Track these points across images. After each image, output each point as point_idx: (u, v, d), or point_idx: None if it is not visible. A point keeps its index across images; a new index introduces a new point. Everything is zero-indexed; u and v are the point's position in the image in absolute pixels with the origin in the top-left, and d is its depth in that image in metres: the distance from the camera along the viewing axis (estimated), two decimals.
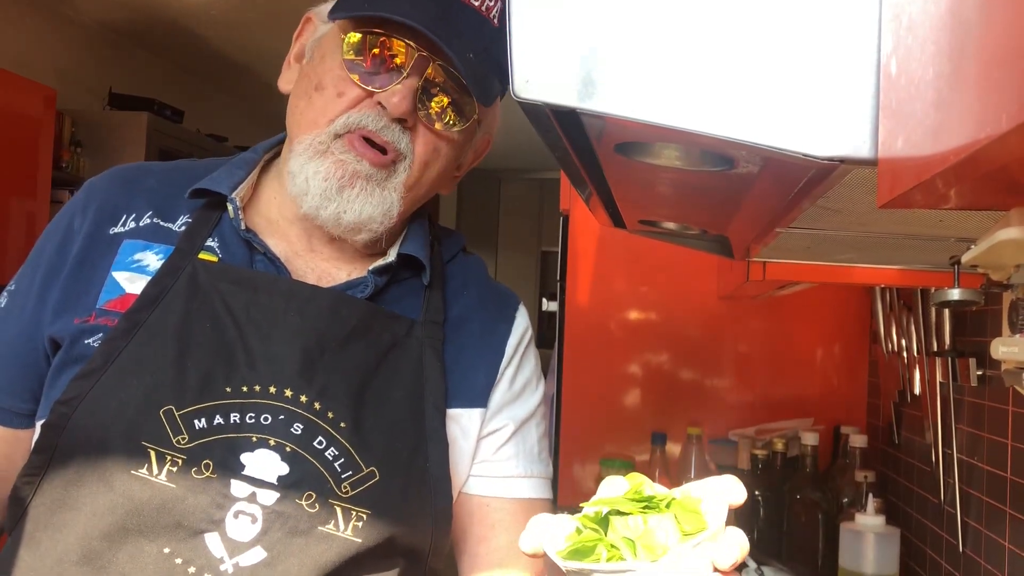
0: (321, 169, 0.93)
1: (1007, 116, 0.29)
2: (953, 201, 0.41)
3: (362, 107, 0.93)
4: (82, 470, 0.86)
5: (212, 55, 5.23)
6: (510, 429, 1.03)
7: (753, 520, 1.88)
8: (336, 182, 0.92)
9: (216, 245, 0.97)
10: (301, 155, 0.94)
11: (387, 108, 0.92)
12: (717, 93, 0.48)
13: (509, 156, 7.42)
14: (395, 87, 0.92)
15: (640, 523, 0.63)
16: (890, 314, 1.83)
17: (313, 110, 0.94)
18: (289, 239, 1.00)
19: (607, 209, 0.92)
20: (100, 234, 0.98)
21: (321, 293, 0.94)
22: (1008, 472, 1.29)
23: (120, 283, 0.94)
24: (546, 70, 0.49)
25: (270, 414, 0.88)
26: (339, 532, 0.87)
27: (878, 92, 0.46)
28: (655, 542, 0.62)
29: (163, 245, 0.97)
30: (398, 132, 0.93)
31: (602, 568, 0.61)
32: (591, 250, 2.23)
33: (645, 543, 0.62)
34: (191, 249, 0.95)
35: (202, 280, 0.93)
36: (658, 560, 0.61)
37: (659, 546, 0.61)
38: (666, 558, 0.61)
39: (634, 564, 0.61)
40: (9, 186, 3.74)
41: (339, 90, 0.93)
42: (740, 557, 0.63)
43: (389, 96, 0.91)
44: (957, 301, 0.65)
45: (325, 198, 0.93)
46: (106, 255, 0.96)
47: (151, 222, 0.99)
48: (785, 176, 0.56)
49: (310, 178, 0.93)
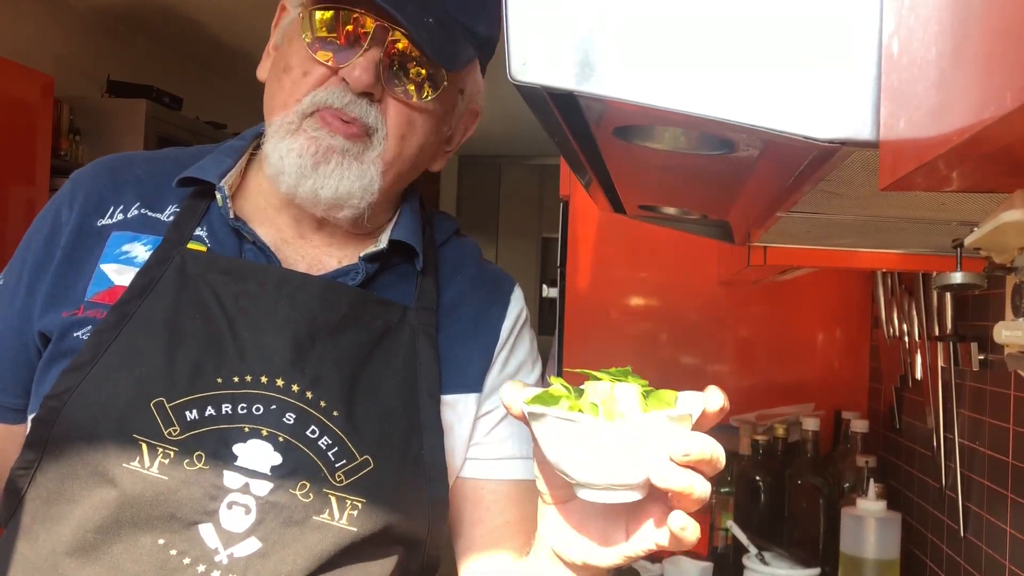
0: (295, 146, 0.91)
1: (1011, 95, 0.28)
2: (955, 183, 0.41)
3: (328, 84, 0.92)
4: (75, 463, 0.85)
5: (211, 42, 5.22)
6: (503, 410, 1.02)
7: (754, 505, 1.89)
8: (311, 158, 0.91)
9: (205, 234, 0.96)
10: (273, 136, 0.93)
11: (350, 83, 0.90)
12: (716, 75, 0.47)
13: (509, 142, 7.42)
14: (356, 60, 0.90)
15: (607, 389, 0.67)
16: (891, 298, 1.82)
17: (283, 92, 0.93)
18: (278, 226, 0.99)
19: (607, 194, 0.92)
20: (87, 226, 0.97)
21: (311, 281, 0.94)
22: (1009, 456, 1.29)
23: (108, 275, 0.94)
24: (543, 53, 0.49)
25: (262, 404, 0.87)
26: (334, 521, 0.87)
27: (880, 73, 0.45)
28: (615, 408, 0.66)
29: (151, 236, 0.96)
30: (365, 106, 0.92)
31: (555, 412, 0.66)
32: (591, 236, 2.22)
33: (607, 407, 0.66)
34: (179, 239, 0.94)
35: (191, 270, 0.92)
36: (613, 423, 0.65)
37: (618, 412, 0.66)
38: (620, 421, 0.65)
39: (586, 418, 0.65)
40: (8, 174, 3.74)
41: (304, 70, 0.92)
42: (697, 452, 0.65)
43: (351, 70, 0.90)
44: (959, 284, 0.65)
45: (301, 175, 0.91)
46: (94, 247, 0.95)
47: (139, 213, 0.98)
48: (786, 159, 0.56)
49: (284, 156, 0.92)
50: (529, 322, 1.10)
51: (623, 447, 0.65)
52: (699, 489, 0.66)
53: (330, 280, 0.95)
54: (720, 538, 1.96)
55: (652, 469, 0.65)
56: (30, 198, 3.84)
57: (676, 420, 0.66)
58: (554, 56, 0.48)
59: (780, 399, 2.13)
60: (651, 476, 0.65)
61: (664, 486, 0.65)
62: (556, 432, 0.66)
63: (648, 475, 0.66)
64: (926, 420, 1.64)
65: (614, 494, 0.67)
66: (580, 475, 0.66)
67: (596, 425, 0.64)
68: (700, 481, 0.66)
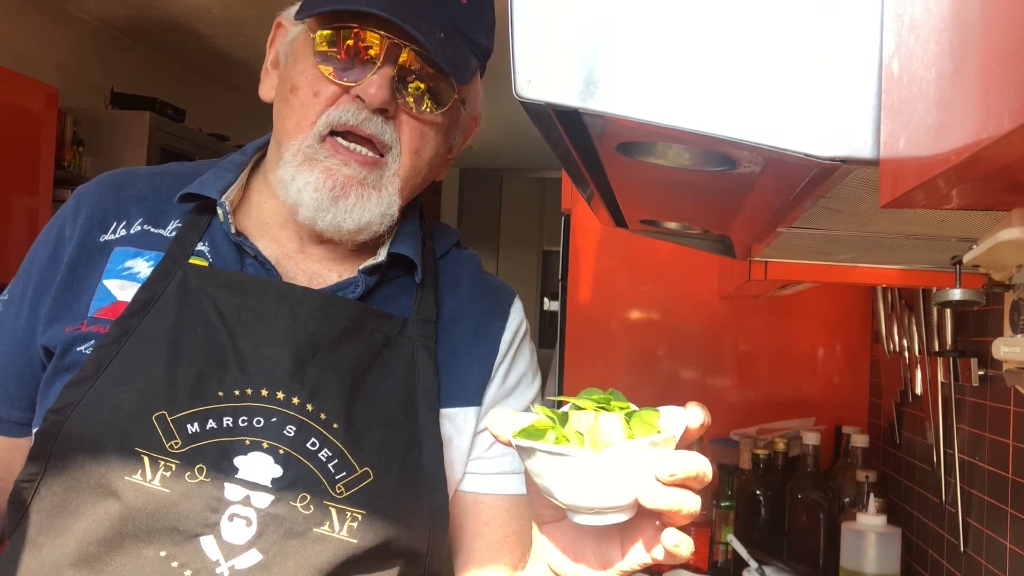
0: (312, 179, 0.92)
1: (1009, 116, 0.29)
2: (955, 201, 0.41)
3: (340, 103, 0.92)
4: (78, 476, 0.86)
5: (214, 54, 5.24)
6: None
7: (754, 520, 1.88)
8: (328, 193, 0.92)
9: (207, 249, 0.96)
10: (290, 163, 0.93)
11: (365, 100, 0.91)
12: (719, 93, 0.48)
13: (511, 155, 7.43)
14: (371, 78, 0.91)
15: (591, 418, 0.68)
16: (891, 314, 1.83)
17: (294, 113, 0.93)
18: (280, 241, 1.00)
19: (609, 208, 0.92)
20: (91, 242, 0.97)
21: (311, 295, 0.94)
22: (1009, 472, 1.29)
23: (111, 291, 0.94)
24: (548, 70, 0.49)
25: (263, 417, 0.88)
26: (335, 533, 0.87)
27: (880, 92, 0.46)
28: (600, 437, 0.67)
29: (154, 252, 0.96)
30: (380, 123, 0.92)
31: (543, 447, 0.67)
32: (592, 249, 2.23)
33: (592, 437, 0.67)
34: (181, 254, 0.95)
35: (192, 285, 0.92)
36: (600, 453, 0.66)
37: (604, 441, 0.67)
38: (607, 451, 0.66)
39: (573, 450, 0.66)
40: (11, 185, 3.74)
41: (314, 89, 0.92)
42: (682, 472, 0.66)
43: (366, 88, 0.90)
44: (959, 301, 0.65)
45: (319, 209, 0.92)
46: (97, 263, 0.96)
47: (142, 229, 0.98)
48: (787, 176, 0.56)
49: (302, 190, 0.92)
50: (529, 334, 1.10)
51: (611, 474, 0.66)
52: (688, 505, 0.66)
53: (330, 294, 0.95)
54: (720, 552, 1.96)
55: (640, 492, 0.66)
56: (33, 209, 3.85)
57: (662, 443, 0.67)
58: (559, 74, 0.49)
59: (781, 413, 2.13)
60: (640, 498, 0.66)
61: (654, 507, 0.66)
62: (545, 465, 0.67)
63: (637, 497, 0.67)
64: (926, 435, 1.64)
65: (604, 517, 0.68)
66: (570, 501, 0.68)
67: (584, 457, 0.66)
68: (689, 497, 0.67)
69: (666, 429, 0.69)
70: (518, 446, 0.69)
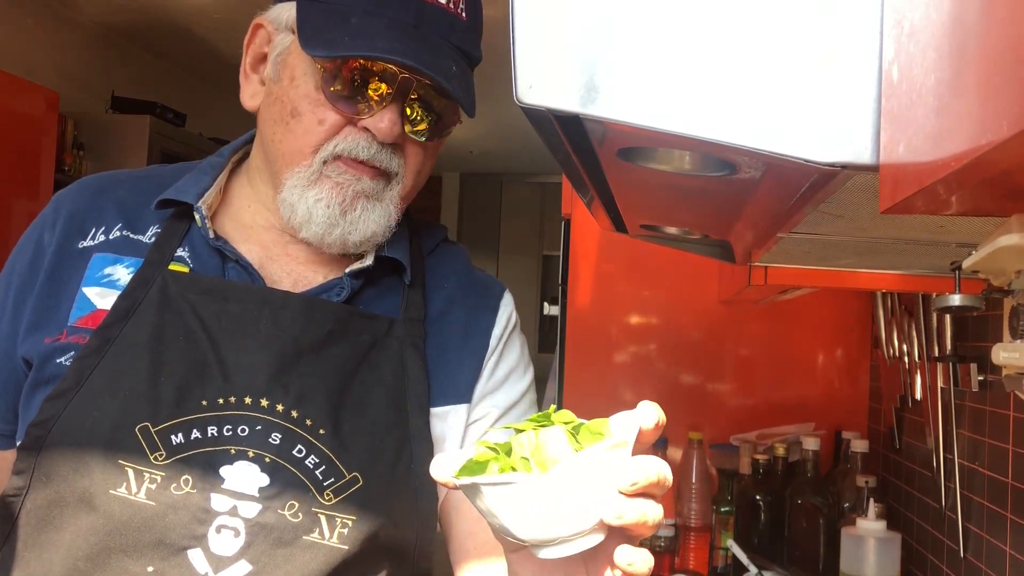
0: (322, 195, 0.91)
1: (1008, 122, 0.29)
2: (954, 207, 0.41)
3: (347, 133, 0.91)
4: (62, 490, 0.85)
5: (215, 58, 5.24)
6: (493, 416, 1.01)
7: (754, 525, 1.88)
8: (338, 206, 0.91)
9: (187, 255, 0.95)
10: (295, 187, 0.92)
11: (377, 136, 0.90)
12: (720, 99, 0.48)
13: (511, 160, 7.43)
14: (383, 113, 0.90)
15: (532, 437, 0.62)
16: (891, 319, 1.83)
17: (294, 139, 0.91)
18: (264, 243, 0.98)
19: (609, 213, 0.92)
20: (69, 248, 0.95)
21: (294, 299, 0.93)
22: (1009, 477, 1.29)
23: (91, 299, 0.92)
24: (549, 76, 0.49)
25: (247, 425, 0.87)
26: (324, 540, 0.86)
27: (880, 98, 0.46)
28: (546, 455, 0.61)
29: (133, 258, 0.94)
30: (389, 154, 0.92)
31: (486, 480, 0.60)
32: (592, 254, 2.23)
33: (537, 458, 0.61)
34: (161, 260, 0.93)
35: (172, 292, 0.91)
36: (548, 473, 0.60)
37: (550, 459, 0.61)
38: (555, 469, 0.60)
39: (518, 476, 0.60)
40: (12, 189, 3.75)
41: (319, 117, 0.90)
42: (644, 478, 0.60)
43: (377, 122, 0.90)
44: (958, 307, 0.65)
45: (329, 224, 0.91)
46: (76, 270, 0.94)
47: (121, 235, 0.96)
48: (787, 182, 0.56)
49: (311, 207, 0.91)
50: (519, 327, 1.09)
51: (566, 494, 0.60)
52: (652, 516, 0.61)
53: (313, 297, 0.94)
54: (720, 557, 1.96)
55: (602, 509, 0.60)
56: (34, 213, 3.81)
57: (614, 449, 0.61)
58: (560, 80, 0.49)
59: (780, 418, 2.13)
60: (603, 516, 0.60)
61: (619, 523, 0.60)
62: (494, 500, 0.61)
63: (600, 516, 0.61)
64: (926, 440, 1.64)
65: (570, 545, 0.62)
66: (530, 536, 0.62)
67: (531, 480, 0.60)
68: (652, 507, 0.62)
69: (617, 434, 0.63)
70: (462, 486, 0.62)
